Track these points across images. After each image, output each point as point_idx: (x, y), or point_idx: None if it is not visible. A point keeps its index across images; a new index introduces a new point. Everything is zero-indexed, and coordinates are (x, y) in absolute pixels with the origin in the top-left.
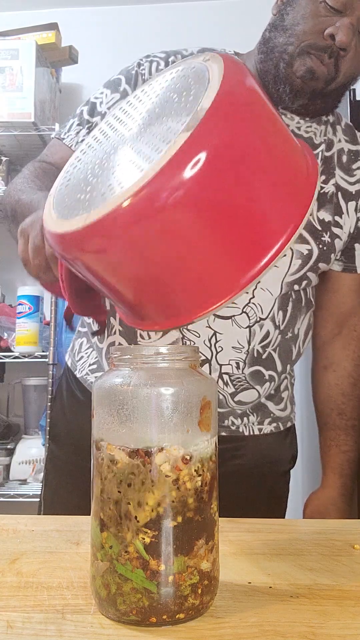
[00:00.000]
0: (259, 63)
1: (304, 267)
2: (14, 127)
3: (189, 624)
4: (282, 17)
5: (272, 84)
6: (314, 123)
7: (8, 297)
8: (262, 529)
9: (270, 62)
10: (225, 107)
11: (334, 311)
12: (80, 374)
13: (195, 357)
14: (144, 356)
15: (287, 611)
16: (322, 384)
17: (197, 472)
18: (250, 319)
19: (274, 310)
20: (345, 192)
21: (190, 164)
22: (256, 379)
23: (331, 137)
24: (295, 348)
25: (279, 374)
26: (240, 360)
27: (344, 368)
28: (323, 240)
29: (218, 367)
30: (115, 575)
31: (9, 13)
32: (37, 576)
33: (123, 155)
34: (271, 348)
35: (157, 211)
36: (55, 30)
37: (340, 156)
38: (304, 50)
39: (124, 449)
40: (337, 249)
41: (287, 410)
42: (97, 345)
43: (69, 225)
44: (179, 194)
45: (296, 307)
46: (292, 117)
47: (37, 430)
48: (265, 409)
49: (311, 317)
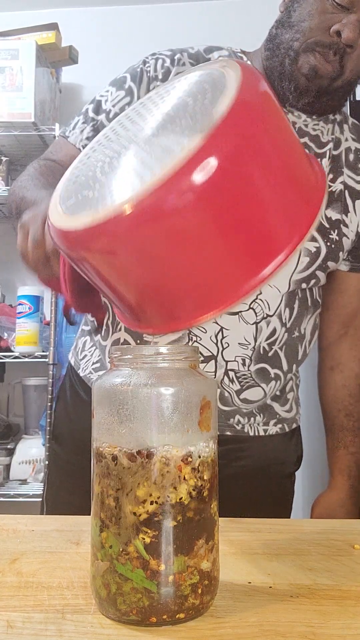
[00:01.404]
0: (265, 60)
1: (312, 265)
2: (14, 127)
3: (189, 623)
4: (289, 14)
5: (278, 81)
6: (321, 121)
7: (8, 297)
8: (262, 529)
9: (276, 59)
10: (241, 113)
11: (341, 312)
12: (83, 373)
13: (195, 357)
14: (144, 356)
15: (287, 611)
16: (329, 385)
17: (197, 471)
18: (257, 315)
19: (281, 307)
20: (353, 190)
21: (201, 168)
22: (262, 377)
23: (338, 136)
24: (301, 348)
25: (284, 372)
26: (247, 356)
27: (351, 369)
28: (331, 238)
29: (224, 363)
30: (116, 575)
31: (9, 13)
32: (37, 576)
33: (134, 155)
34: (277, 346)
35: (166, 214)
36: (55, 30)
37: (347, 155)
38: (310, 47)
39: (124, 448)
40: (345, 247)
41: (293, 411)
42: (100, 343)
43: (76, 221)
44: (189, 197)
45: (303, 306)
46: (299, 115)
47: (37, 430)
48: (271, 410)
49: (317, 318)
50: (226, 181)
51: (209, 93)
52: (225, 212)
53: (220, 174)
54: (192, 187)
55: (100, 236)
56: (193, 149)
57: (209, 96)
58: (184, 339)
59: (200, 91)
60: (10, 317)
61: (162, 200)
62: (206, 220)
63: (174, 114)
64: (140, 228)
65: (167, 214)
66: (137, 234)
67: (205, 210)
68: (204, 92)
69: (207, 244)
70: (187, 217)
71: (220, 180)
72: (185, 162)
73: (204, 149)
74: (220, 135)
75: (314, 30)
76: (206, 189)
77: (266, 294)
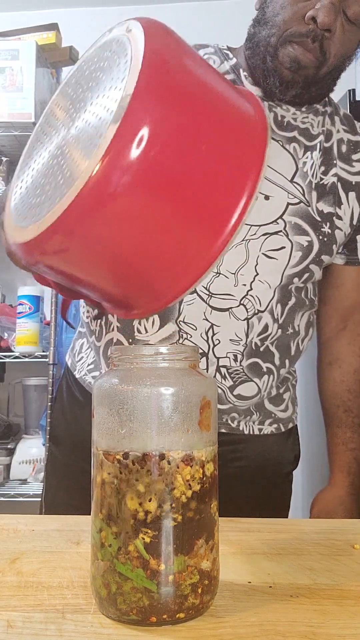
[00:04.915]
0: (248, 59)
1: (305, 260)
2: (14, 128)
3: (189, 623)
4: (263, 11)
5: (263, 79)
6: (311, 114)
7: (8, 297)
8: (262, 528)
9: (257, 57)
10: (154, 78)
11: (338, 306)
12: (79, 375)
13: (195, 357)
14: (144, 356)
15: (287, 611)
16: (328, 380)
17: (197, 471)
18: (248, 311)
19: (272, 303)
20: (346, 182)
21: (132, 144)
22: (254, 371)
23: (330, 128)
24: (294, 344)
25: (277, 367)
26: (238, 352)
27: (350, 364)
28: (323, 231)
29: (215, 360)
30: (116, 575)
31: (9, 13)
32: (37, 576)
33: (65, 150)
34: (270, 341)
35: (108, 199)
36: (56, 30)
37: (339, 146)
38: (287, 39)
39: (124, 448)
40: (338, 240)
41: (289, 411)
42: (94, 344)
43: (28, 232)
44: (127, 176)
45: (296, 302)
46: (288, 109)
47: (38, 430)
48: (267, 410)
49: (312, 315)
50: (159, 149)
51: (118, 64)
52: (168, 179)
53: (150, 144)
54: (127, 166)
55: (51, 238)
56: (117, 128)
57: (119, 68)
58: (175, 336)
59: (110, 63)
60: (11, 317)
61: (101, 187)
62: (150, 193)
63: (91, 95)
64: (87, 218)
65: (109, 199)
66: (85, 225)
67: (146, 183)
68: (113, 64)
69: (162, 216)
70: (129, 195)
71: (152, 149)
72: (113, 143)
73: (128, 125)
74: (140, 106)
75: (288, 21)
76: (141, 162)
77: (257, 289)
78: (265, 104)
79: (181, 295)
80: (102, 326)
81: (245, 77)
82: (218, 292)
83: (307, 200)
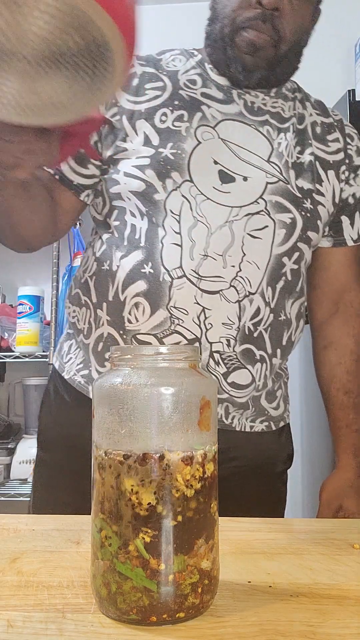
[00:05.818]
0: (210, 56)
1: (291, 237)
2: None
3: (189, 623)
4: (214, 9)
5: (227, 70)
6: (280, 99)
7: (8, 297)
8: (262, 528)
9: (218, 52)
10: None
11: (328, 289)
12: (68, 375)
13: (195, 357)
14: (144, 356)
15: (287, 610)
16: (325, 364)
17: (197, 471)
18: (239, 293)
19: (263, 285)
20: (324, 161)
21: None
22: (247, 358)
23: (301, 112)
24: (286, 333)
25: (269, 356)
26: (231, 337)
27: (346, 345)
28: (305, 207)
29: (208, 345)
30: (116, 574)
31: None
32: (37, 575)
33: None
34: (262, 327)
35: None
36: None
37: (314, 128)
38: (239, 26)
39: (124, 448)
40: (322, 217)
41: (280, 409)
42: (83, 343)
43: None
44: None
45: (285, 285)
46: (257, 95)
47: None
48: (261, 406)
49: (302, 305)
50: None
51: None
52: None
53: None
54: None
55: None
56: None
57: None
58: (166, 322)
59: None
60: (11, 317)
61: None
62: None
63: None
64: None
65: None
66: None
67: None
68: None
69: None
70: None
71: None
72: None
73: None
74: None
75: (237, 10)
76: None
77: (246, 270)
78: (234, 92)
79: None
80: (91, 323)
81: (211, 69)
82: (207, 275)
83: (286, 178)
